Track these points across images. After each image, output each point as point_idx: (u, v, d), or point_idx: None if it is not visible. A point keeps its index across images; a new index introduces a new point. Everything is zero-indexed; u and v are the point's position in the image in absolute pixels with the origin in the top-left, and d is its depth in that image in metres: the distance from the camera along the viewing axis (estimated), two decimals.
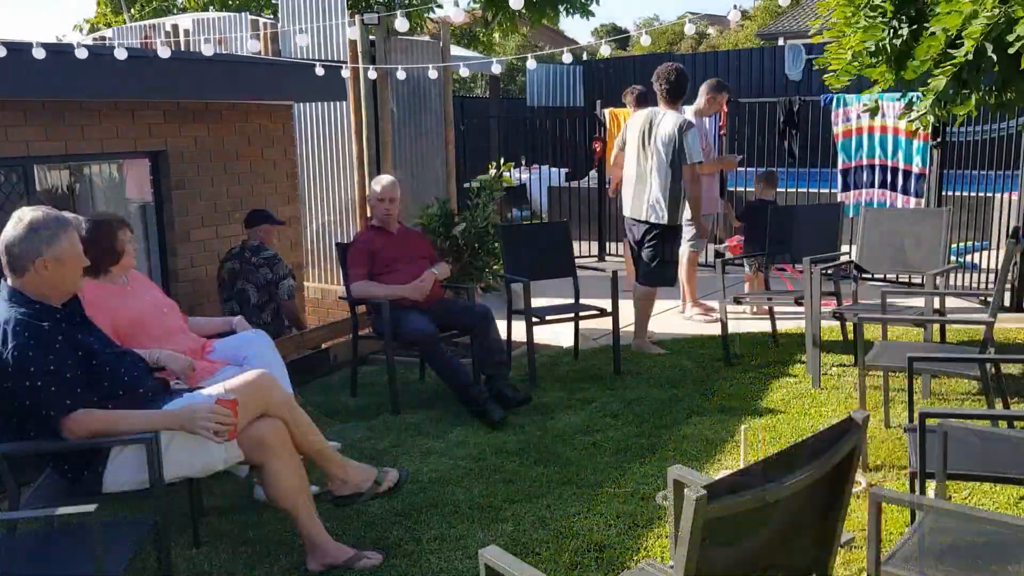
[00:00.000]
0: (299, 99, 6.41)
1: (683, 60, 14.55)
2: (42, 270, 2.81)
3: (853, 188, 7.65)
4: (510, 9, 4.39)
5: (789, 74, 12.51)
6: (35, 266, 2.80)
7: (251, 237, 5.34)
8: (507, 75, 21.65)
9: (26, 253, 2.79)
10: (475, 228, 6.89)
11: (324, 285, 7.36)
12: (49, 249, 2.80)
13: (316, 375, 5.52)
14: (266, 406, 3.16)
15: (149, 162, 5.21)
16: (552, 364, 5.43)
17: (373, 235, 5.13)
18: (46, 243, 2.80)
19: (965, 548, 2.25)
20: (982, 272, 7.23)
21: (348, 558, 3.15)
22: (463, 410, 4.71)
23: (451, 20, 4.06)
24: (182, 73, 4.96)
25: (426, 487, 3.85)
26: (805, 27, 5.32)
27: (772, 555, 1.72)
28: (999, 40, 3.31)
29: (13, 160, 4.46)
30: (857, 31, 3.97)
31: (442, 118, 8.20)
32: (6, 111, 4.35)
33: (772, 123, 8.98)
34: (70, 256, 2.86)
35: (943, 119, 4.97)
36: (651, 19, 49.87)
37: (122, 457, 2.89)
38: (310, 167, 7.49)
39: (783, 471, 1.61)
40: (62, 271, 2.85)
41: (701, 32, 36.70)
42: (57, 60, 4.17)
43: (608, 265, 8.62)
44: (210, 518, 3.58)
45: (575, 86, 14.94)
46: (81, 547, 2.43)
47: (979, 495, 3.56)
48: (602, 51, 4.74)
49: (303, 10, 7.15)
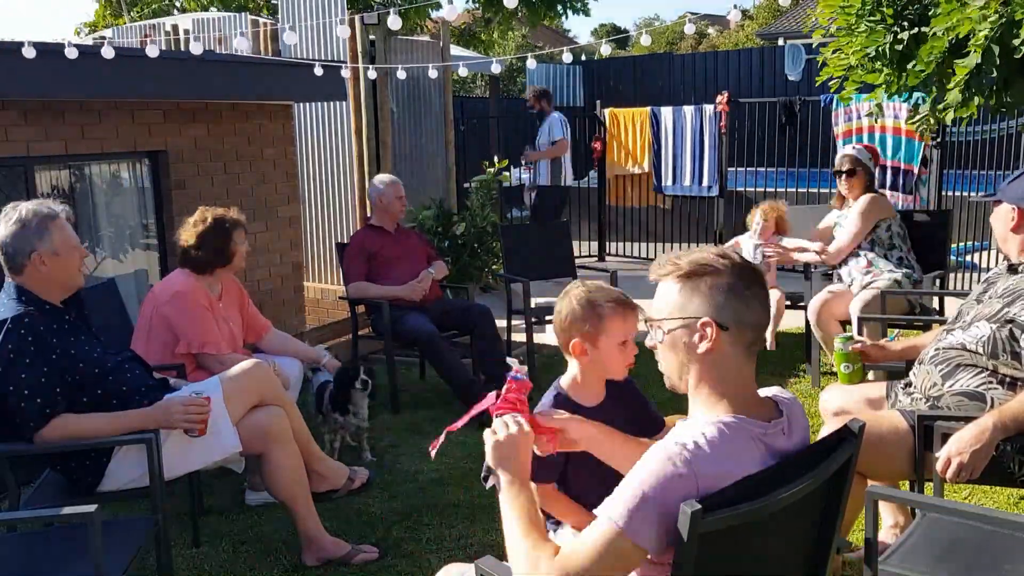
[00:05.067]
0: (299, 99, 6.41)
1: (683, 60, 14.56)
2: (40, 265, 2.78)
3: None
4: (508, 9, 4.39)
5: (789, 74, 12.50)
6: (32, 262, 2.78)
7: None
8: (507, 75, 21.64)
9: (20, 250, 2.77)
10: (474, 228, 6.91)
11: (324, 285, 7.36)
12: (41, 243, 2.78)
13: None
14: (262, 395, 3.17)
15: (149, 162, 5.21)
16: (552, 364, 5.42)
17: (371, 235, 5.13)
18: (37, 237, 2.77)
19: (964, 547, 2.25)
20: (982, 272, 7.23)
21: (344, 553, 3.17)
22: (463, 410, 4.70)
23: (448, 19, 4.06)
24: (182, 73, 4.96)
25: (426, 487, 3.85)
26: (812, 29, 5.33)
27: (767, 566, 1.72)
28: (1001, 41, 3.30)
29: (13, 160, 4.46)
30: (859, 35, 3.97)
31: (442, 118, 8.21)
32: (6, 111, 4.35)
33: (772, 123, 8.98)
34: (65, 247, 2.83)
35: (944, 122, 4.97)
36: (651, 19, 49.89)
37: (122, 456, 2.89)
38: (310, 167, 7.49)
39: (780, 482, 1.60)
40: (60, 263, 2.82)
41: (701, 32, 36.69)
42: (60, 60, 4.17)
43: (608, 265, 8.62)
44: (210, 518, 3.58)
45: (575, 86, 14.94)
46: (81, 547, 2.42)
47: (979, 495, 3.56)
48: (602, 51, 4.73)
49: (302, 10, 7.15)
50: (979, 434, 2.43)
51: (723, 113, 8.54)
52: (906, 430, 2.66)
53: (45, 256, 2.78)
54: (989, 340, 2.68)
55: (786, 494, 1.59)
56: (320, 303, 7.19)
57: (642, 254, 9.74)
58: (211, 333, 3.60)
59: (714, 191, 8.77)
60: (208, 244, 3.66)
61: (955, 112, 3.75)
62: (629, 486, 1.53)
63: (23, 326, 2.71)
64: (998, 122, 7.24)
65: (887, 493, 2.47)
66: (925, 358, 2.88)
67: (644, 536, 1.50)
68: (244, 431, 3.04)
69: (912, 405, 2.82)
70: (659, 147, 9.13)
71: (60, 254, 2.81)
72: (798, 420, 1.74)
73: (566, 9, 11.95)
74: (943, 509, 2.33)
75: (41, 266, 2.79)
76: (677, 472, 1.51)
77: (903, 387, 2.95)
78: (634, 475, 1.55)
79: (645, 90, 13.52)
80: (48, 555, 2.54)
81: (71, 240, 2.86)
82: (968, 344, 2.74)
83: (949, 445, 2.46)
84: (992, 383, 2.68)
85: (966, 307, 2.91)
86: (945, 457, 2.45)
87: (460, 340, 5.16)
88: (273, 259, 5.90)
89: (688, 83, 13.60)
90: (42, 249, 2.78)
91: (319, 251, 7.56)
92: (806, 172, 8.68)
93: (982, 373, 2.71)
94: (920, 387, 2.85)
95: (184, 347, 3.55)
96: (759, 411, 1.67)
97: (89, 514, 2.27)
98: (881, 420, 2.72)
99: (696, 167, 8.88)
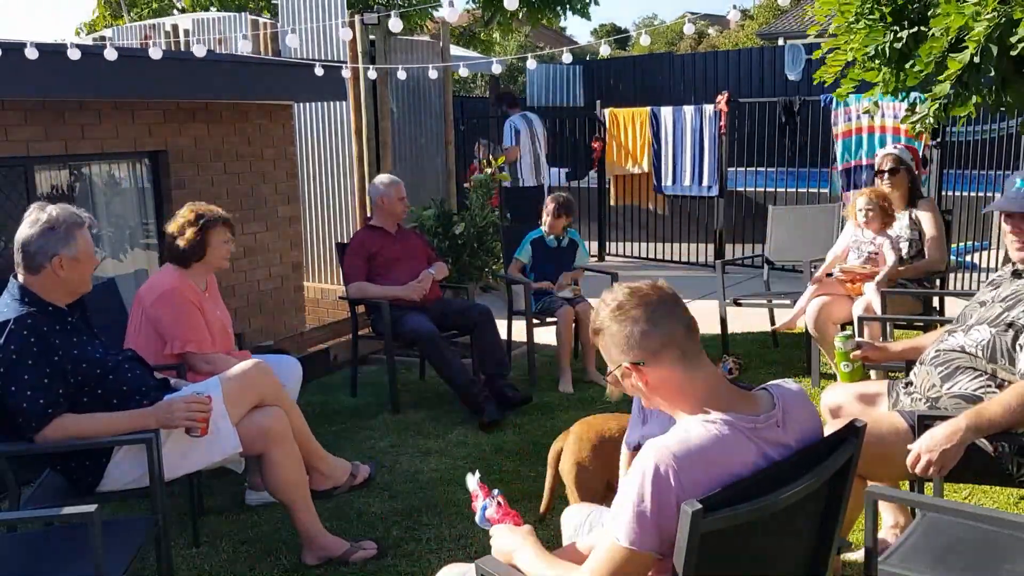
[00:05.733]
0: (299, 99, 6.41)
1: (683, 60, 14.55)
2: (59, 269, 2.79)
3: (854, 187, 7.66)
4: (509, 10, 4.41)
5: (789, 74, 12.50)
6: (52, 265, 2.78)
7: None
8: (507, 75, 21.64)
9: (42, 251, 2.78)
10: (474, 228, 6.91)
11: (324, 285, 7.36)
12: (66, 248, 2.79)
13: (316, 375, 5.52)
14: (262, 396, 3.17)
15: (149, 162, 5.21)
16: (552, 364, 5.42)
17: (371, 235, 5.12)
18: (63, 242, 2.79)
19: (964, 547, 2.25)
20: (982, 272, 7.23)
21: (344, 551, 3.17)
22: (463, 410, 4.71)
23: (448, 21, 4.05)
24: (182, 73, 4.96)
25: (426, 487, 3.85)
26: (805, 27, 5.29)
27: (768, 566, 1.72)
28: (1000, 40, 3.30)
29: (13, 160, 4.46)
30: (859, 32, 3.96)
31: (442, 118, 8.21)
32: (6, 111, 4.35)
33: (772, 123, 8.98)
34: (85, 255, 2.85)
35: (943, 122, 4.96)
36: (651, 19, 49.90)
37: (122, 456, 2.89)
38: (310, 167, 7.49)
39: (781, 482, 1.60)
40: (78, 270, 2.83)
41: (701, 32, 36.70)
42: (60, 60, 4.17)
43: (608, 265, 8.62)
44: (210, 518, 3.58)
45: (575, 86, 14.94)
46: (81, 547, 2.42)
47: (979, 495, 3.56)
48: (602, 51, 4.73)
49: (302, 10, 7.15)
50: (951, 434, 2.44)
51: (723, 113, 8.54)
52: (906, 431, 2.66)
53: (66, 261, 2.80)
54: (988, 344, 2.68)
55: (787, 494, 1.59)
56: (320, 303, 7.19)
57: (642, 254, 9.74)
58: (196, 331, 3.56)
59: (714, 191, 8.77)
60: (184, 235, 3.63)
61: (950, 110, 3.75)
62: (625, 499, 1.59)
63: (26, 327, 2.72)
64: (997, 122, 7.25)
65: (887, 493, 2.46)
66: (926, 359, 2.88)
67: (648, 544, 1.56)
68: (244, 431, 3.04)
69: (912, 405, 2.82)
70: (659, 147, 9.13)
71: (80, 261, 2.83)
72: (795, 411, 1.74)
73: (566, 10, 11.95)
74: (943, 509, 2.33)
75: (60, 270, 2.80)
76: (665, 474, 1.54)
77: (904, 387, 2.96)
78: (627, 486, 1.59)
79: (645, 90, 13.51)
80: (48, 555, 2.54)
81: (91, 249, 2.89)
82: (968, 347, 2.74)
83: (921, 441, 2.48)
84: (991, 387, 2.68)
85: (969, 309, 2.91)
86: (916, 452, 2.47)
87: (460, 340, 5.16)
88: (273, 259, 5.90)
89: (688, 83, 13.59)
90: (64, 254, 2.79)
91: (319, 251, 7.56)
92: (806, 172, 8.69)
93: (981, 376, 2.71)
94: (920, 387, 2.85)
95: (169, 348, 3.53)
96: (744, 406, 1.70)
97: (89, 514, 2.27)
98: (881, 421, 2.72)
99: (696, 167, 8.88)
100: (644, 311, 1.73)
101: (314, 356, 5.68)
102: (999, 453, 2.52)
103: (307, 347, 5.82)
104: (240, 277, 5.65)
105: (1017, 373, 2.60)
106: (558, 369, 5.25)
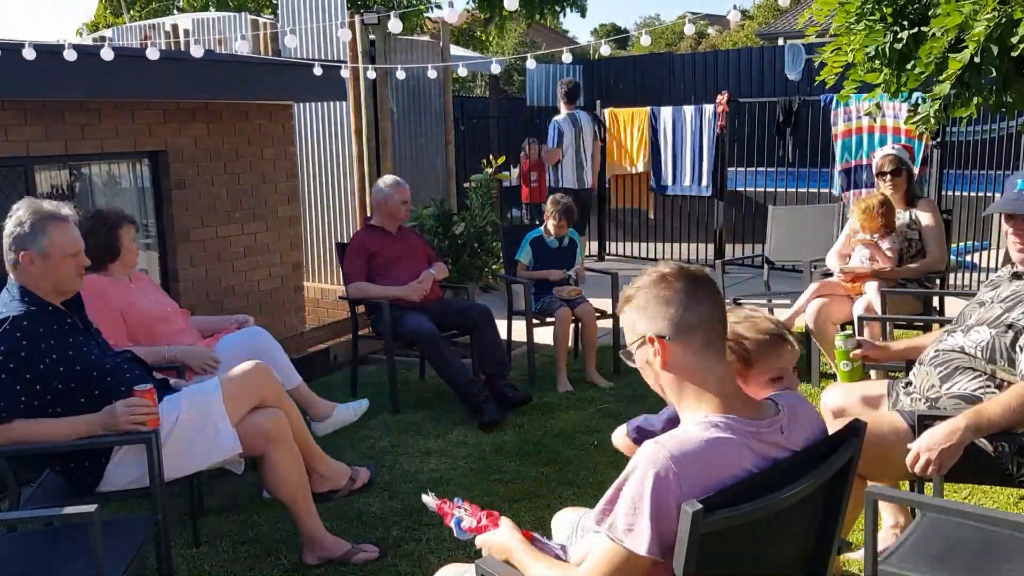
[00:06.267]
0: (299, 99, 6.40)
1: (683, 60, 14.54)
2: (28, 264, 2.78)
3: (854, 187, 7.66)
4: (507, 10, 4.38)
5: (789, 74, 12.49)
6: (21, 260, 2.78)
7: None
8: (504, 75, 21.59)
9: (12, 246, 2.78)
10: (474, 227, 6.91)
11: (324, 285, 7.36)
12: (33, 243, 2.77)
13: (316, 375, 5.52)
14: (262, 397, 3.17)
15: (149, 162, 5.21)
16: (552, 364, 5.42)
17: (371, 235, 5.12)
18: (30, 237, 2.77)
19: (964, 547, 2.25)
20: (982, 272, 7.23)
21: (344, 552, 3.17)
22: (463, 410, 4.71)
23: (448, 21, 4.05)
24: (182, 73, 4.95)
25: (426, 487, 3.84)
26: (803, 28, 5.33)
27: (767, 566, 1.72)
28: (1000, 41, 3.30)
29: (13, 160, 4.46)
30: (859, 33, 3.96)
31: (442, 118, 8.21)
32: (6, 111, 4.35)
33: (772, 123, 8.98)
34: (57, 251, 2.80)
35: (944, 122, 4.96)
36: (651, 19, 49.89)
37: (122, 457, 2.89)
38: (310, 167, 7.49)
39: (781, 482, 1.60)
40: (47, 266, 2.80)
41: (701, 32, 36.71)
42: (60, 60, 4.16)
43: (608, 265, 8.62)
44: (210, 518, 3.58)
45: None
46: (81, 547, 2.42)
47: (979, 495, 3.56)
48: (602, 51, 4.72)
49: (302, 10, 7.15)
50: (950, 433, 2.45)
51: (722, 113, 8.54)
52: (906, 431, 2.66)
53: (34, 256, 2.78)
54: (988, 345, 2.68)
55: (787, 494, 1.59)
56: (320, 303, 7.19)
57: (642, 254, 9.74)
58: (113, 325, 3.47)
59: (708, 191, 8.78)
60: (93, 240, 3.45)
61: (950, 111, 3.74)
62: (623, 499, 1.57)
63: (20, 328, 2.71)
64: (998, 122, 7.25)
65: (887, 493, 2.46)
66: (925, 359, 2.88)
67: (646, 546, 1.54)
68: (244, 432, 3.04)
69: (912, 405, 2.82)
70: (659, 147, 9.13)
71: (50, 257, 2.79)
72: (800, 417, 1.74)
73: (563, 7, 11.94)
74: (943, 509, 2.33)
75: (29, 265, 2.78)
76: (663, 475, 1.53)
77: (904, 387, 2.96)
78: (625, 487, 1.58)
79: (645, 90, 13.50)
80: (48, 555, 2.54)
81: (67, 246, 2.83)
82: (967, 348, 2.74)
83: (920, 440, 2.48)
84: (990, 387, 2.68)
85: (968, 310, 2.91)
86: (915, 452, 2.48)
87: (460, 340, 5.16)
88: (273, 259, 5.90)
89: (688, 83, 13.58)
90: (32, 250, 2.77)
91: (319, 251, 7.56)
92: (806, 172, 8.69)
93: (980, 377, 2.71)
94: (919, 388, 2.85)
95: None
96: (749, 410, 1.69)
97: (89, 514, 2.27)
98: (881, 421, 2.72)
99: (696, 167, 8.88)
100: (686, 285, 1.70)
101: (314, 356, 5.68)
102: (999, 453, 2.52)
103: (307, 347, 5.83)
104: (240, 277, 5.65)
105: (1017, 374, 2.60)
106: (555, 370, 5.27)
